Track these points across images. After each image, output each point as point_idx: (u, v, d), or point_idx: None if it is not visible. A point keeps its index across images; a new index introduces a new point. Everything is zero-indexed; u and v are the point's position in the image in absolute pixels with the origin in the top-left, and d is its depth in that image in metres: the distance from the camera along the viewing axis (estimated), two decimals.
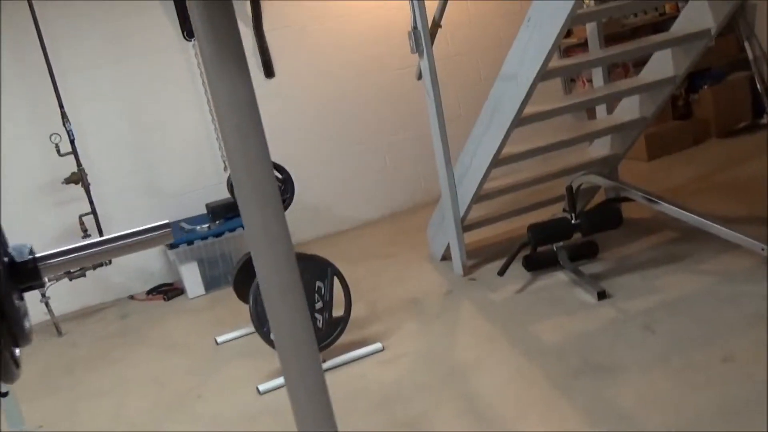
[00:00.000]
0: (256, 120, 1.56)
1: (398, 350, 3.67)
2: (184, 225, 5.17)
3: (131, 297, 5.33)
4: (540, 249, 4.13)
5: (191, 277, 5.07)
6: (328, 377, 3.48)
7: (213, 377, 3.81)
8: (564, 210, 4.19)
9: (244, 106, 1.54)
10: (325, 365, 3.62)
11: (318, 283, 3.59)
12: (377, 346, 3.72)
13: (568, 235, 4.00)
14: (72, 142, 4.74)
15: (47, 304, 4.80)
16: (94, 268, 4.97)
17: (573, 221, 3.94)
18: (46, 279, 4.81)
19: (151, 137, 5.30)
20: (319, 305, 3.58)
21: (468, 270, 4.41)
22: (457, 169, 4.27)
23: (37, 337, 4.84)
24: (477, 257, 4.59)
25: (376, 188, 6.03)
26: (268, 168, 1.64)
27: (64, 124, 4.70)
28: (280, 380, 3.56)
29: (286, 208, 3.72)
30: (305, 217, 5.84)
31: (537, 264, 4.16)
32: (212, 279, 5.11)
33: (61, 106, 4.70)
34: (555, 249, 4.10)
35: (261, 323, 3.49)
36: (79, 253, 2.02)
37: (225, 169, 5.49)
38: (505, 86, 3.64)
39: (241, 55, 1.54)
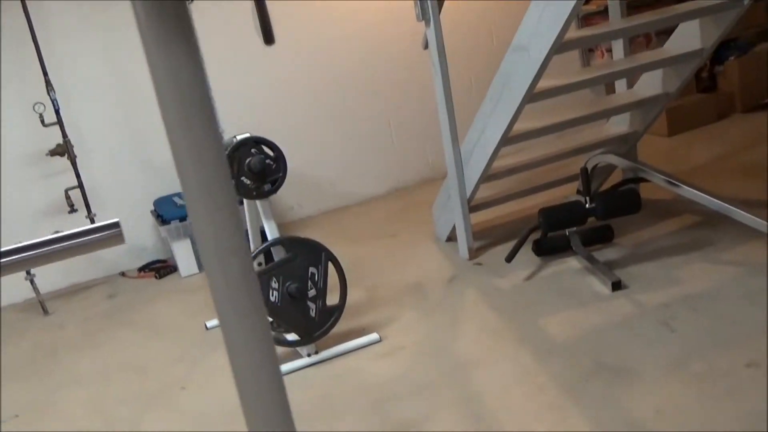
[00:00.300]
0: (207, 107, 1.30)
1: (396, 342, 3.43)
2: (176, 199, 4.93)
3: (122, 274, 5.11)
4: (551, 233, 3.86)
5: (184, 255, 4.84)
6: (322, 370, 3.28)
7: (199, 366, 3.58)
8: (578, 191, 3.91)
9: (190, 87, 1.27)
10: (318, 356, 3.40)
11: (311, 269, 3.34)
12: (374, 336, 3.48)
13: (582, 221, 3.72)
14: (57, 111, 4.48)
15: (32, 282, 4.59)
16: None
17: (587, 205, 3.66)
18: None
19: (143, 106, 5.02)
20: (312, 293, 3.34)
21: (474, 253, 4.15)
22: (465, 147, 3.99)
23: (23, 316, 4.66)
24: (484, 239, 4.32)
25: (382, 162, 5.76)
26: (221, 163, 1.38)
27: (48, 93, 4.44)
28: None
29: (278, 187, 3.46)
30: (308, 192, 5.59)
31: (548, 249, 3.90)
32: None
33: (45, 73, 4.44)
34: (567, 233, 3.83)
35: None
36: (13, 257, 1.75)
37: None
38: (517, 59, 3.34)
39: (187, 20, 1.27)
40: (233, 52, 5.14)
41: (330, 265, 3.38)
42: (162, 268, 5.00)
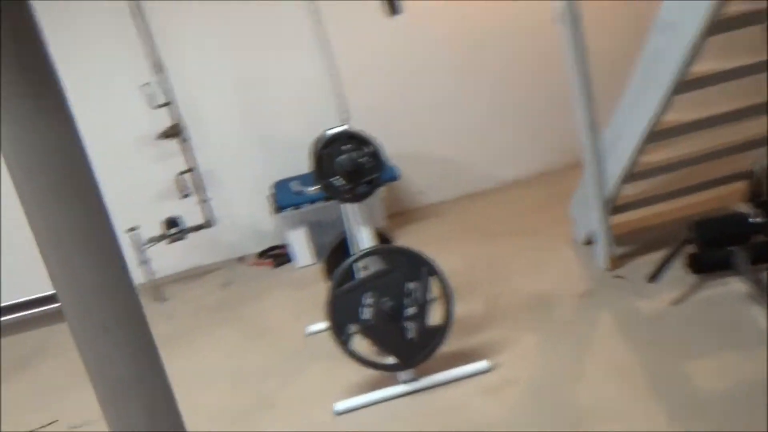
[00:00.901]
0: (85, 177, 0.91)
1: (509, 373, 2.91)
2: (294, 185, 4.59)
3: (241, 259, 4.89)
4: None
5: (299, 244, 4.53)
6: (419, 401, 2.80)
7: (293, 381, 3.25)
8: (751, 196, 3.17)
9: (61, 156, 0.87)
10: (417, 384, 2.95)
11: (411, 284, 2.89)
12: (483, 365, 2.98)
13: (745, 239, 2.99)
14: (167, 92, 4.25)
15: (148, 268, 4.44)
16: (196, 230, 4.54)
17: (753, 219, 2.93)
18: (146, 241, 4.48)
19: (262, 84, 4.72)
20: (411, 311, 2.88)
21: (615, 263, 3.52)
22: (606, 138, 3.35)
23: (142, 300, 4.54)
24: (629, 245, 3.67)
25: (524, 142, 5.15)
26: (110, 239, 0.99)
27: (157, 73, 4.21)
28: (359, 399, 2.95)
29: (374, 189, 3.01)
30: (438, 175, 5.12)
31: (706, 265, 3.20)
32: (323, 247, 4.51)
33: (153, 53, 4.20)
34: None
35: (340, 330, 2.87)
36: None
37: (345, 120, 4.84)
38: (663, 38, 2.66)
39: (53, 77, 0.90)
40: (356, 25, 4.71)
41: (433, 279, 2.91)
42: (280, 256, 4.73)
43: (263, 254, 4.84)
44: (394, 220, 4.85)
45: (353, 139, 2.96)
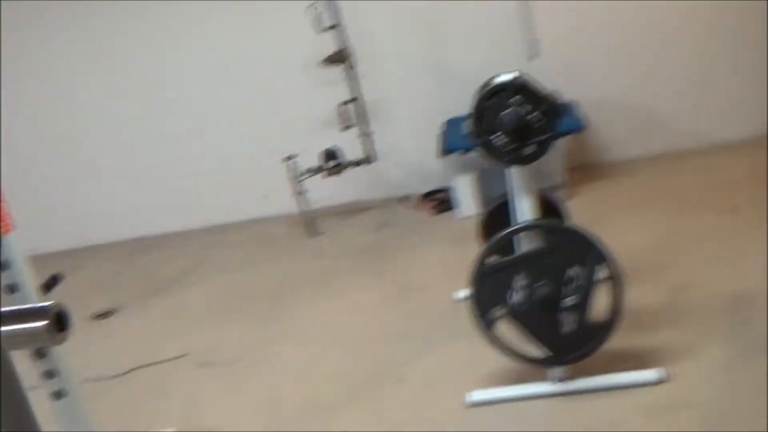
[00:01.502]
0: None
1: (683, 392, 2.38)
2: (466, 125, 4.13)
3: (403, 199, 4.55)
4: None
5: (465, 192, 4.12)
6: (567, 407, 2.30)
7: (429, 355, 2.90)
8: None
9: None
10: (568, 386, 2.50)
11: (573, 270, 2.41)
12: (652, 375, 2.46)
13: None
14: (335, 14, 3.89)
15: (303, 200, 4.20)
16: (355, 165, 4.23)
17: None
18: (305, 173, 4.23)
19: (442, 8, 4.25)
20: (569, 301, 2.42)
21: None
22: None
23: (293, 233, 4.33)
24: None
25: (744, 96, 4.35)
26: None
27: None
28: (498, 392, 2.56)
29: (544, 151, 2.50)
30: (634, 127, 4.48)
31: None
32: (491, 199, 4.07)
33: None
34: None
35: (482, 313, 2.46)
36: None
37: (533, 56, 4.29)
38: None
39: None
40: None
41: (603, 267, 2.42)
42: (443, 202, 4.34)
43: (427, 196, 4.47)
44: (574, 175, 4.30)
45: (524, 91, 2.46)
